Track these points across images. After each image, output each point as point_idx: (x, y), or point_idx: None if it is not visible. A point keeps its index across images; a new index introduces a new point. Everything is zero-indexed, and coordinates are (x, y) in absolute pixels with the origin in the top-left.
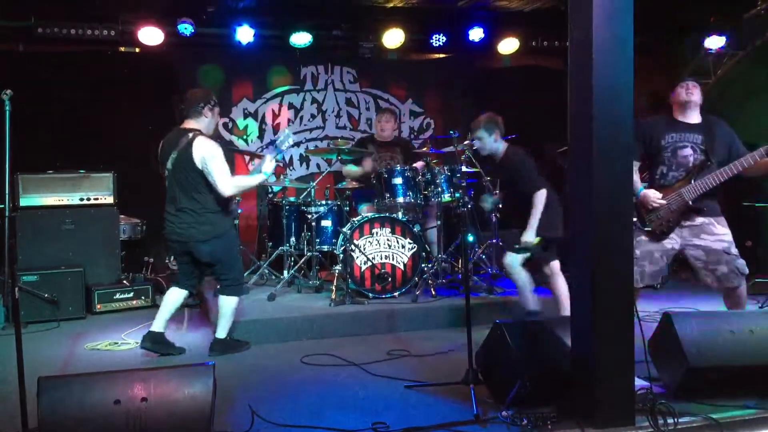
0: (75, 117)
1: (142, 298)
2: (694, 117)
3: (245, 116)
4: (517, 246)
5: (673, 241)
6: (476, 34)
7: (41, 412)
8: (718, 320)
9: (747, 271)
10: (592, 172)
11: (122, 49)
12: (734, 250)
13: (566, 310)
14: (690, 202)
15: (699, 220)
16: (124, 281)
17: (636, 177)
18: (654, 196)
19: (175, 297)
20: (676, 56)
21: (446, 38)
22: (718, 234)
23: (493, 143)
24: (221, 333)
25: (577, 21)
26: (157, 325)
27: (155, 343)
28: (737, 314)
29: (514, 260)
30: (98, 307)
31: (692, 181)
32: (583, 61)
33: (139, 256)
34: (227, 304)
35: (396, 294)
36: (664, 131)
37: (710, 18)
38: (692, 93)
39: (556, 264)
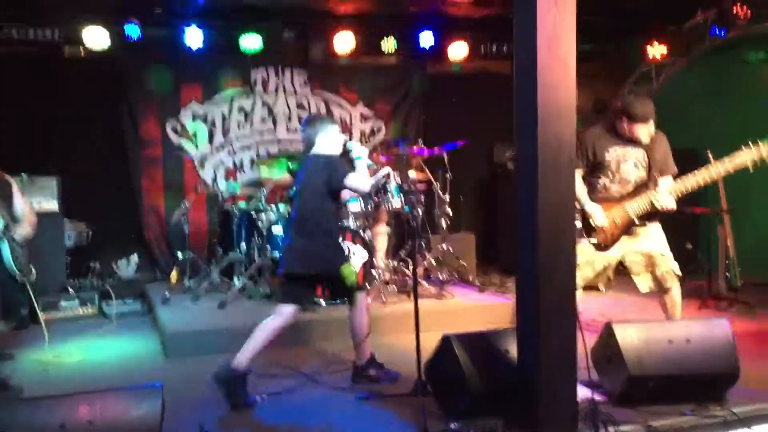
0: (18, 121)
1: (88, 305)
2: None
3: (194, 119)
4: None
5: (614, 249)
6: (426, 39)
7: None
8: (656, 330)
9: (680, 273)
10: (537, 187)
11: (67, 50)
12: (669, 254)
13: None
14: (636, 219)
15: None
16: (70, 289)
17: (581, 186)
18: (599, 217)
19: None
20: (619, 62)
21: (397, 43)
22: (654, 238)
23: None
24: None
25: (521, 44)
26: None
27: None
28: (675, 323)
29: None
30: (42, 316)
31: (638, 197)
32: (527, 82)
33: (84, 261)
34: None
35: None
36: (607, 145)
37: (651, 26)
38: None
39: None
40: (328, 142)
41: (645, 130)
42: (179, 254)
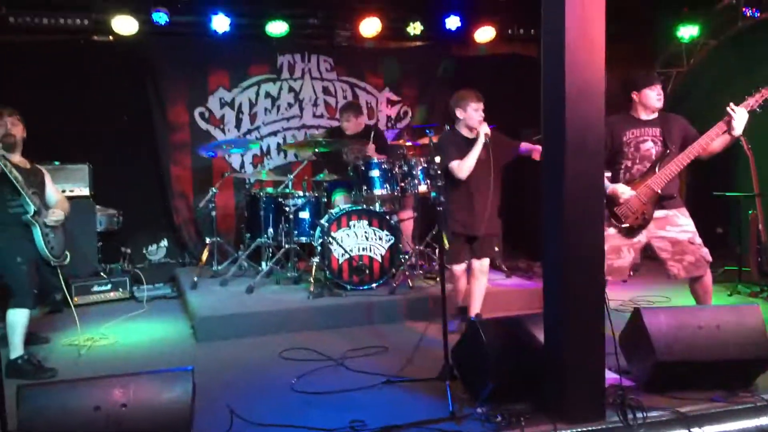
0: (48, 107)
1: (120, 290)
2: (651, 114)
3: (222, 105)
4: None
5: (640, 235)
6: (453, 22)
7: (21, 419)
8: (686, 315)
9: (711, 259)
10: (564, 170)
11: (96, 38)
12: (698, 240)
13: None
14: (659, 191)
15: (663, 212)
16: (102, 273)
17: (605, 174)
18: (622, 189)
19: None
20: (650, 44)
21: (423, 27)
22: (682, 225)
23: None
24: (10, 353)
25: (550, 24)
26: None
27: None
28: (705, 309)
29: None
30: (75, 300)
31: (657, 171)
32: (555, 64)
33: (116, 246)
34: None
35: (374, 286)
36: (624, 128)
37: (683, 7)
38: (662, 99)
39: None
40: (461, 118)
41: (654, 93)
42: (207, 239)
